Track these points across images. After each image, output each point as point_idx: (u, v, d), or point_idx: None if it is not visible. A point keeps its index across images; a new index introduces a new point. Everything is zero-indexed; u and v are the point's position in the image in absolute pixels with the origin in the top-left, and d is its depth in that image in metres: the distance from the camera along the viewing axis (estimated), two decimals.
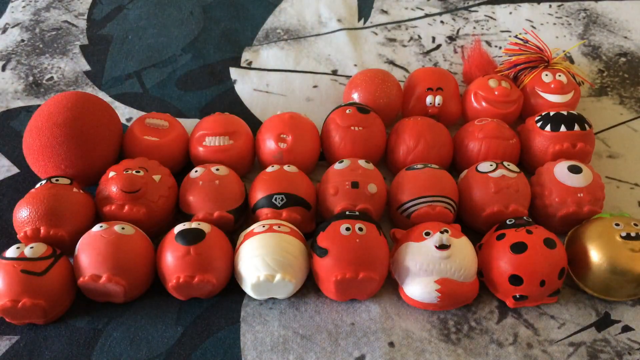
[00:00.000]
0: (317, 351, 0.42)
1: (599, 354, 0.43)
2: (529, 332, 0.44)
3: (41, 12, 0.72)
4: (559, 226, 0.48)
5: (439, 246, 0.42)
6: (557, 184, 0.47)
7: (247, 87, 0.63)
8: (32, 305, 0.41)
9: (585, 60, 0.66)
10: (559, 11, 0.72)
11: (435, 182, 0.47)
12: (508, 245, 0.43)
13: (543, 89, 0.55)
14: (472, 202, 0.47)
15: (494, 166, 0.48)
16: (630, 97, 0.62)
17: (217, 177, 0.47)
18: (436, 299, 0.43)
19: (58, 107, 0.48)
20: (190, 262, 0.42)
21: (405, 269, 0.43)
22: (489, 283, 0.45)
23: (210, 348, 0.43)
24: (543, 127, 0.51)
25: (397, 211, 0.47)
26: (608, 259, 0.43)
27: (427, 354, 0.42)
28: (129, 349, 0.42)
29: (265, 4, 0.74)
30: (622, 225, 0.44)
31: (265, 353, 0.42)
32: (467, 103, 0.56)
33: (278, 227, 0.44)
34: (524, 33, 0.64)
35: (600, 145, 0.57)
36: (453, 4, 0.73)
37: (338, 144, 0.51)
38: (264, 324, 0.44)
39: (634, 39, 0.69)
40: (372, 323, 0.44)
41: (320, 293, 0.45)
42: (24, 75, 0.64)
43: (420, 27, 0.70)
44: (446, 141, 0.52)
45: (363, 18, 0.71)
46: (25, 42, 0.67)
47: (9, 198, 0.52)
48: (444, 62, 0.66)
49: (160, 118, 0.53)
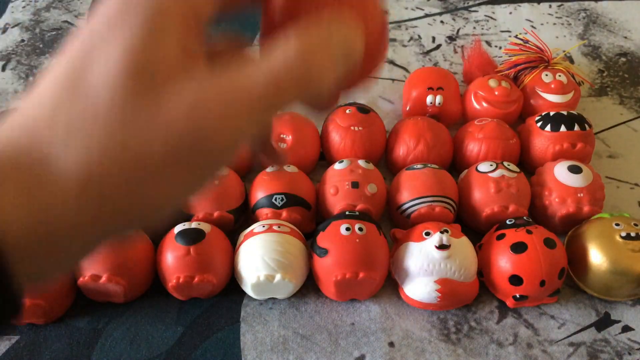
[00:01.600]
0: (317, 351, 0.42)
1: (599, 354, 0.43)
2: (529, 332, 0.44)
3: (41, 12, 0.72)
4: (559, 226, 0.48)
5: (439, 246, 0.42)
6: (557, 184, 0.47)
7: None
8: (32, 305, 0.41)
9: (585, 60, 0.66)
10: (559, 11, 0.72)
11: (435, 182, 0.47)
12: (508, 245, 0.43)
13: (543, 89, 0.55)
14: (472, 202, 0.47)
15: (494, 166, 0.48)
16: (630, 97, 0.62)
17: (217, 177, 0.47)
18: (436, 299, 0.43)
19: None
20: (190, 262, 0.42)
21: (405, 269, 0.43)
22: (489, 283, 0.45)
23: (210, 348, 0.43)
24: (543, 127, 0.51)
25: (397, 211, 0.47)
26: (608, 259, 0.43)
27: (427, 354, 0.42)
28: (129, 349, 0.42)
29: None
30: (622, 225, 0.44)
31: (265, 353, 0.42)
32: (467, 103, 0.56)
33: (278, 227, 0.44)
34: (524, 33, 0.64)
35: (600, 145, 0.57)
36: (453, 4, 0.73)
37: (338, 144, 0.51)
38: (264, 324, 0.44)
39: (634, 39, 0.69)
40: (372, 323, 0.44)
41: (320, 293, 0.45)
42: (24, 75, 0.64)
43: (420, 27, 0.70)
44: (446, 141, 0.52)
45: None
46: (25, 42, 0.67)
47: None
48: (444, 62, 0.66)
49: None
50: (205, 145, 0.18)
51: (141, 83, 0.17)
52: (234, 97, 0.18)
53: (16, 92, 0.62)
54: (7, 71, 0.64)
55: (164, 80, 0.17)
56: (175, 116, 0.17)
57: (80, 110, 0.17)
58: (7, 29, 0.69)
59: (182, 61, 0.18)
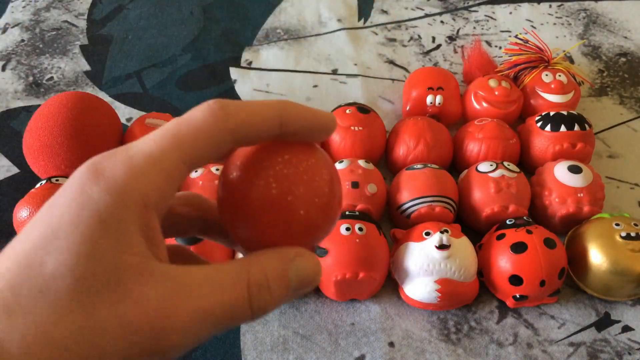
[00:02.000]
0: (317, 351, 0.42)
1: (599, 354, 0.43)
2: (529, 332, 0.44)
3: (41, 12, 0.72)
4: (559, 226, 0.48)
5: (439, 246, 0.42)
6: (557, 184, 0.47)
7: (247, 87, 0.63)
8: None
9: (585, 60, 0.66)
10: (559, 11, 0.72)
11: (435, 182, 0.47)
12: (508, 245, 0.43)
13: (543, 89, 0.55)
14: (472, 202, 0.47)
15: (494, 166, 0.48)
16: (630, 97, 0.62)
17: (217, 177, 0.47)
18: (436, 299, 0.43)
19: (58, 107, 0.48)
20: None
21: (405, 269, 0.43)
22: (489, 283, 0.45)
23: (210, 348, 0.43)
24: (543, 127, 0.51)
25: (397, 211, 0.47)
26: (608, 259, 0.43)
27: (427, 354, 0.42)
28: None
29: (265, 4, 0.73)
30: (622, 226, 0.44)
31: (265, 353, 0.42)
32: (467, 103, 0.56)
33: None
34: (524, 33, 0.64)
35: (600, 145, 0.57)
36: (453, 4, 0.73)
37: (338, 144, 0.51)
38: (264, 324, 0.44)
39: (634, 39, 0.69)
40: (372, 323, 0.44)
41: (320, 293, 0.45)
42: (24, 75, 0.64)
43: (420, 27, 0.70)
44: (446, 141, 0.52)
45: (363, 18, 0.71)
46: (25, 42, 0.67)
47: (9, 198, 0.52)
48: (444, 62, 0.66)
49: (161, 118, 0.53)
50: (163, 350, 0.17)
51: (98, 281, 0.17)
52: (200, 316, 0.18)
53: (16, 92, 0.62)
54: (7, 71, 0.64)
55: (124, 281, 0.17)
56: (136, 324, 0.17)
57: (33, 295, 0.16)
58: (7, 29, 0.69)
59: (145, 257, 0.18)
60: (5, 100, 0.61)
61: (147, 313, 0.17)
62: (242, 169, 0.21)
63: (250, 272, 0.19)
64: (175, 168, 0.19)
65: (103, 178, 0.18)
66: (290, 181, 0.20)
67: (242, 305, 0.19)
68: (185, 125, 0.19)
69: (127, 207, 0.17)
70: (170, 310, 0.17)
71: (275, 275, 0.20)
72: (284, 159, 0.20)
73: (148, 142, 0.19)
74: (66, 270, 0.16)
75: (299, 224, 0.21)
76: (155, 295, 0.17)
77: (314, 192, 0.21)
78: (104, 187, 0.17)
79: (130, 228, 0.17)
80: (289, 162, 0.20)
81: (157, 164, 0.18)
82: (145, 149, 0.19)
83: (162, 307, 0.17)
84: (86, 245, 0.17)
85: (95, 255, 0.17)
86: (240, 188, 0.21)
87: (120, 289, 0.17)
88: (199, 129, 0.19)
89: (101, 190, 0.17)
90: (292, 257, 0.20)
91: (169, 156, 0.18)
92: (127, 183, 0.18)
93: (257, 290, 0.19)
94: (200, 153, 0.19)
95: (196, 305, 0.18)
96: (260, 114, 0.20)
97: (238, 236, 0.22)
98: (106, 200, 0.17)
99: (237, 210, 0.21)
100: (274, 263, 0.20)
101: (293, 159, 0.21)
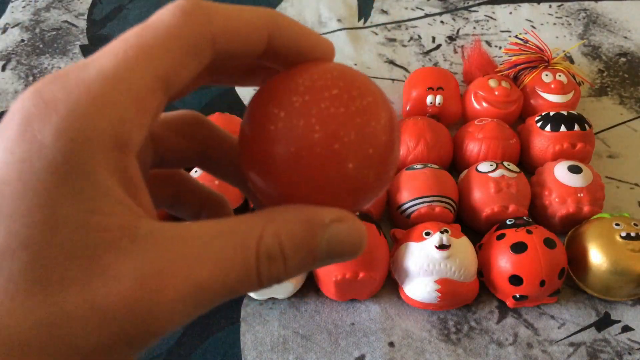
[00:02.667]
0: (317, 351, 0.42)
1: (599, 354, 0.43)
2: (529, 332, 0.44)
3: (41, 12, 0.72)
4: (559, 226, 0.48)
5: (439, 246, 0.42)
6: (557, 184, 0.47)
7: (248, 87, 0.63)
8: None
9: (585, 60, 0.66)
10: (559, 11, 0.72)
11: (435, 182, 0.47)
12: (508, 245, 0.43)
13: (543, 89, 0.55)
14: (472, 202, 0.47)
15: (494, 166, 0.48)
16: (630, 97, 0.62)
17: None
18: (436, 299, 0.43)
19: None
20: None
21: (405, 269, 0.43)
22: (489, 283, 0.45)
23: (210, 348, 0.43)
24: (543, 127, 0.51)
25: (397, 211, 0.47)
26: (608, 259, 0.43)
27: (427, 354, 0.42)
28: None
29: (265, 4, 0.73)
30: (622, 225, 0.44)
31: (265, 353, 0.42)
32: (467, 103, 0.56)
33: None
34: (524, 33, 0.64)
35: (600, 145, 0.57)
36: (453, 4, 0.73)
37: None
38: (264, 324, 0.44)
39: (634, 39, 0.69)
40: (372, 323, 0.44)
41: (320, 293, 0.45)
42: (24, 75, 0.64)
43: (420, 27, 0.70)
44: (446, 141, 0.52)
45: (363, 18, 0.71)
46: (25, 42, 0.67)
47: None
48: (444, 62, 0.66)
49: None
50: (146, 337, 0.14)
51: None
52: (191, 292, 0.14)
53: (16, 92, 0.62)
54: (7, 71, 0.64)
55: (97, 253, 0.13)
56: (113, 309, 0.13)
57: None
58: (7, 29, 0.69)
59: (122, 216, 0.14)
60: (6, 100, 0.61)
61: (127, 294, 0.13)
62: (276, 101, 0.16)
63: (262, 237, 0.15)
64: (148, 89, 0.14)
65: (55, 113, 0.13)
66: (338, 124, 0.16)
67: (248, 277, 0.15)
68: (152, 31, 0.15)
69: (92, 152, 0.13)
70: (157, 286, 0.13)
71: (295, 244, 0.15)
72: (332, 94, 0.16)
73: (107, 56, 0.14)
74: (18, 245, 0.13)
75: (344, 181, 0.16)
76: (137, 268, 0.13)
77: (368, 140, 0.16)
78: (57, 126, 0.13)
79: (99, 180, 0.13)
80: (339, 99, 0.16)
81: (124, 87, 0.14)
82: (106, 67, 0.14)
83: (147, 284, 0.13)
84: (42, 209, 0.13)
85: (55, 221, 0.13)
86: (272, 127, 0.16)
87: (91, 263, 0.13)
88: (171, 34, 0.15)
89: (54, 130, 0.13)
90: (326, 221, 0.16)
91: (139, 73, 0.14)
92: (89, 117, 0.13)
93: (266, 260, 0.15)
94: (176, 67, 0.15)
95: (190, 279, 0.14)
96: (245, 18, 0.16)
97: (260, 188, 0.17)
98: (63, 145, 0.13)
99: (265, 155, 0.16)
100: (295, 227, 0.16)
101: (344, 94, 0.16)
